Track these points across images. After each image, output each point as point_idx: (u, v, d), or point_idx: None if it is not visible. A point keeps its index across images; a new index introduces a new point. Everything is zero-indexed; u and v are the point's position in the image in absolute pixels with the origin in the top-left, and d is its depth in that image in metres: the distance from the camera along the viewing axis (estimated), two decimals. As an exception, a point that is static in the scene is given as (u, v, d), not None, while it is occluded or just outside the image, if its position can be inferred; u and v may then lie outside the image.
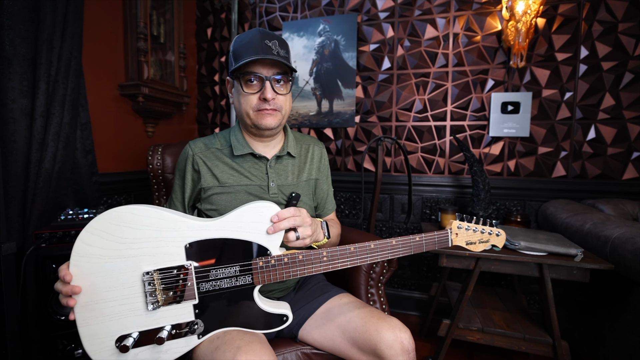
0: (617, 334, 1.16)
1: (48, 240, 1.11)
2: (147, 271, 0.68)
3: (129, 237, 0.67)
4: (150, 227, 0.69)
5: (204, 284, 0.71)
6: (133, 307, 0.68)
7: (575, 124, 1.72)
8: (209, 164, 0.90)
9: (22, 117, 1.14)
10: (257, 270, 0.74)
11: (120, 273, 0.67)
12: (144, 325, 0.68)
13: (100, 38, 1.56)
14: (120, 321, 0.67)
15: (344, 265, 0.77)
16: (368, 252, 0.78)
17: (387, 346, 0.74)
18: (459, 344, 1.65)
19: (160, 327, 0.69)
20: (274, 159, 0.93)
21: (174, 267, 0.70)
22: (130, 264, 0.68)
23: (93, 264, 0.66)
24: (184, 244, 0.70)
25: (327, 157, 1.08)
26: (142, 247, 0.68)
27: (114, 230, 0.66)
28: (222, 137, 0.96)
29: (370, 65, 1.98)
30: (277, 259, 0.74)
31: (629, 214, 1.48)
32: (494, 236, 0.85)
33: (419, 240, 0.80)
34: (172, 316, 0.70)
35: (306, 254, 0.75)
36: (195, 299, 0.71)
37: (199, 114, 2.35)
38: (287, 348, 0.87)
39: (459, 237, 0.83)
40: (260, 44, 0.80)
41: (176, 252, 0.70)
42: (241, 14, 2.19)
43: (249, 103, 0.84)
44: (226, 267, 0.73)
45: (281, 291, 0.95)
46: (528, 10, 1.59)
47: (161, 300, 0.69)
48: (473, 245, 0.84)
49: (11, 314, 1.06)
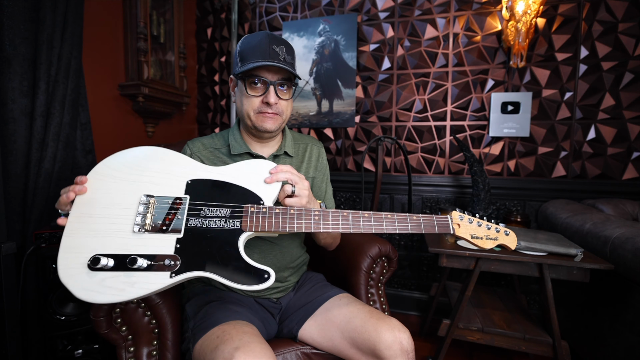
0: (617, 334, 1.16)
1: (48, 240, 1.11)
2: (147, 194, 0.72)
3: (141, 166, 0.75)
4: (163, 161, 0.77)
5: (193, 219, 0.72)
6: (121, 227, 0.69)
7: (575, 124, 1.72)
8: (207, 163, 0.91)
9: (22, 117, 1.14)
10: (248, 215, 0.73)
11: (123, 194, 0.72)
12: (123, 248, 0.68)
13: (100, 38, 1.56)
14: (104, 240, 0.68)
15: (336, 227, 0.75)
16: (362, 220, 0.76)
17: (386, 346, 0.74)
18: (459, 344, 1.65)
19: (139, 254, 0.68)
20: (270, 158, 0.93)
21: (172, 197, 0.73)
22: (134, 188, 0.73)
23: (104, 181, 0.72)
24: (187, 180, 0.76)
25: (326, 156, 1.08)
26: (150, 175, 0.74)
27: (132, 159, 0.76)
28: (221, 136, 0.97)
29: (370, 65, 1.98)
30: (268, 208, 0.75)
31: (629, 214, 1.48)
32: (502, 234, 0.79)
33: (416, 218, 0.77)
34: (153, 245, 0.69)
35: (298, 210, 0.75)
36: (180, 232, 0.71)
37: (199, 114, 2.35)
38: (286, 348, 0.87)
39: (462, 229, 0.78)
40: (268, 48, 0.81)
41: (178, 186, 0.75)
42: (241, 14, 2.19)
43: (252, 105, 0.85)
44: (218, 207, 0.74)
45: (280, 291, 0.95)
46: (528, 10, 1.59)
47: (149, 225, 0.70)
48: (480, 241, 0.79)
49: (11, 314, 1.06)
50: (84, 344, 1.17)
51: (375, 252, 1.09)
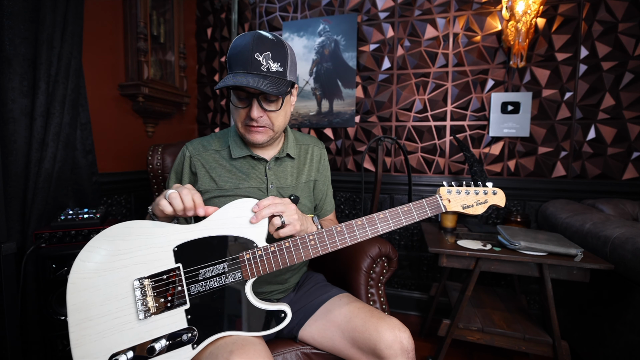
0: (617, 333, 1.16)
1: (48, 240, 1.11)
2: (138, 278, 0.68)
3: (121, 249, 0.69)
4: (140, 237, 0.70)
5: (194, 286, 0.70)
6: (126, 319, 0.67)
7: (575, 124, 1.71)
8: (206, 166, 0.89)
9: (22, 117, 1.14)
10: (245, 263, 0.72)
11: (114, 285, 0.67)
12: (137, 338, 0.67)
13: (101, 38, 1.56)
14: (114, 337, 0.66)
15: (334, 245, 0.74)
16: (357, 229, 0.75)
17: (387, 346, 0.74)
18: (459, 344, 1.65)
19: (154, 338, 0.67)
20: (272, 161, 0.92)
21: (164, 272, 0.70)
22: (122, 275, 0.68)
23: (88, 279, 0.66)
24: (172, 247, 0.71)
25: (327, 157, 1.08)
26: (134, 256, 0.69)
27: (108, 245, 0.69)
28: (220, 138, 0.95)
29: (370, 65, 1.98)
30: (264, 249, 0.73)
31: (629, 214, 1.48)
32: (491, 195, 0.79)
33: (407, 209, 0.76)
34: (164, 325, 0.68)
35: (292, 241, 0.74)
36: (186, 303, 0.70)
37: (199, 114, 2.35)
38: (287, 348, 0.87)
39: (453, 203, 0.78)
40: (250, 56, 0.74)
41: (165, 257, 0.70)
42: (241, 14, 2.19)
43: (239, 116, 0.83)
44: (214, 265, 0.72)
45: (281, 292, 0.95)
46: (528, 10, 1.59)
47: (152, 307, 0.68)
48: (471, 209, 0.79)
49: (11, 314, 1.06)
50: (84, 344, 1.17)
51: (375, 252, 1.09)
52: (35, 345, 1.14)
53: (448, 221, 1.57)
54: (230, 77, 0.75)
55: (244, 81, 0.72)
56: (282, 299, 0.95)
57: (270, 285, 0.92)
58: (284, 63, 0.79)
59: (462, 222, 1.68)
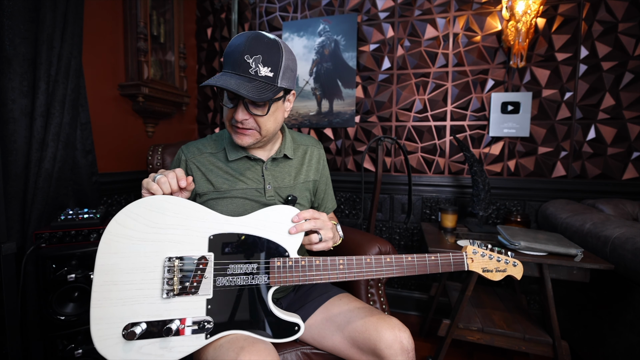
0: (617, 334, 1.16)
1: (48, 240, 1.11)
2: (169, 257, 0.69)
3: (159, 222, 0.70)
4: (179, 215, 0.71)
5: (220, 279, 0.71)
6: (149, 293, 0.68)
7: (575, 124, 1.72)
8: (202, 169, 0.88)
9: (22, 117, 1.14)
10: (275, 269, 0.74)
11: (144, 256, 0.68)
12: (155, 314, 0.68)
13: (100, 38, 1.56)
14: (133, 307, 0.67)
15: (360, 275, 0.77)
16: (384, 266, 0.77)
17: (387, 346, 0.74)
18: (459, 344, 1.65)
19: (171, 319, 0.68)
20: (269, 161, 0.91)
21: (195, 257, 0.71)
22: (154, 249, 0.69)
23: (120, 243, 0.67)
24: (209, 235, 0.72)
25: (326, 157, 1.08)
26: (169, 234, 0.70)
27: (147, 214, 0.69)
28: (216, 140, 0.93)
29: (370, 65, 1.98)
30: (294, 260, 0.75)
31: (629, 214, 1.48)
32: (511, 266, 0.83)
33: (434, 259, 0.79)
34: (184, 309, 0.69)
35: (323, 260, 0.75)
36: (210, 293, 0.70)
37: (199, 114, 2.35)
38: (287, 348, 0.87)
39: (475, 263, 0.82)
40: (240, 58, 0.72)
41: (200, 243, 0.71)
42: (241, 14, 2.19)
43: (227, 116, 0.83)
44: (245, 263, 0.73)
45: (281, 292, 0.95)
46: (528, 10, 1.59)
47: (177, 289, 0.68)
48: (490, 274, 0.83)
49: (11, 314, 1.06)
50: (84, 344, 1.17)
51: (376, 252, 1.09)
52: (35, 345, 1.14)
53: (448, 221, 1.57)
54: (218, 76, 0.74)
55: (226, 82, 0.70)
56: (282, 299, 0.95)
57: None
58: (276, 68, 0.74)
59: (462, 222, 1.68)
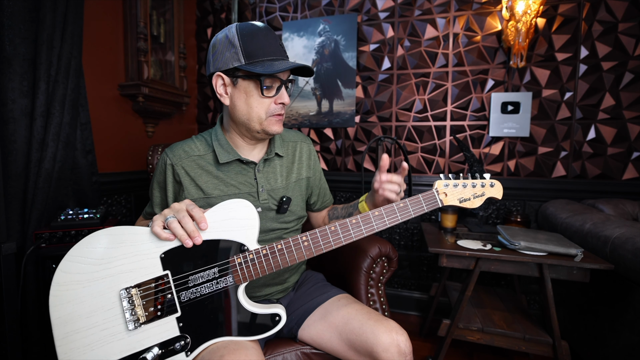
0: (617, 334, 1.16)
1: (48, 240, 1.11)
2: (125, 287, 0.66)
3: (104, 257, 0.66)
4: (124, 244, 0.67)
5: (184, 293, 0.68)
6: (115, 330, 0.64)
7: (575, 124, 1.71)
8: (191, 174, 0.84)
9: (22, 117, 1.14)
10: (237, 268, 0.70)
11: (100, 295, 0.65)
12: (127, 349, 0.65)
13: (100, 38, 1.56)
14: (103, 349, 0.64)
15: (329, 246, 0.72)
16: (351, 228, 0.72)
17: (384, 349, 0.73)
18: (459, 344, 1.65)
19: (145, 348, 0.65)
20: (261, 163, 0.89)
21: (152, 280, 0.67)
22: (108, 284, 0.65)
23: (71, 290, 0.64)
24: (159, 254, 0.68)
25: (315, 151, 1.05)
26: (119, 265, 0.66)
27: (90, 254, 0.65)
28: (203, 141, 0.89)
29: (370, 65, 1.98)
30: (255, 252, 0.71)
31: (629, 214, 1.48)
32: (488, 187, 0.77)
33: (403, 205, 0.74)
34: (156, 334, 0.66)
35: (285, 242, 0.72)
36: (177, 310, 0.67)
37: (199, 114, 2.35)
38: (287, 348, 0.87)
39: (450, 197, 0.76)
40: (278, 45, 0.77)
41: (152, 264, 0.68)
42: (241, 14, 2.19)
43: (264, 107, 0.79)
44: (204, 270, 0.69)
45: (281, 292, 0.95)
46: (528, 10, 1.59)
47: (142, 316, 0.65)
48: (468, 202, 0.77)
49: (11, 314, 1.06)
50: (84, 344, 1.17)
51: (376, 252, 1.09)
52: (35, 345, 1.14)
53: (448, 221, 1.57)
54: (276, 63, 0.75)
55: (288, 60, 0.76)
56: (282, 299, 0.95)
57: (269, 287, 0.92)
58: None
59: (462, 222, 1.68)
